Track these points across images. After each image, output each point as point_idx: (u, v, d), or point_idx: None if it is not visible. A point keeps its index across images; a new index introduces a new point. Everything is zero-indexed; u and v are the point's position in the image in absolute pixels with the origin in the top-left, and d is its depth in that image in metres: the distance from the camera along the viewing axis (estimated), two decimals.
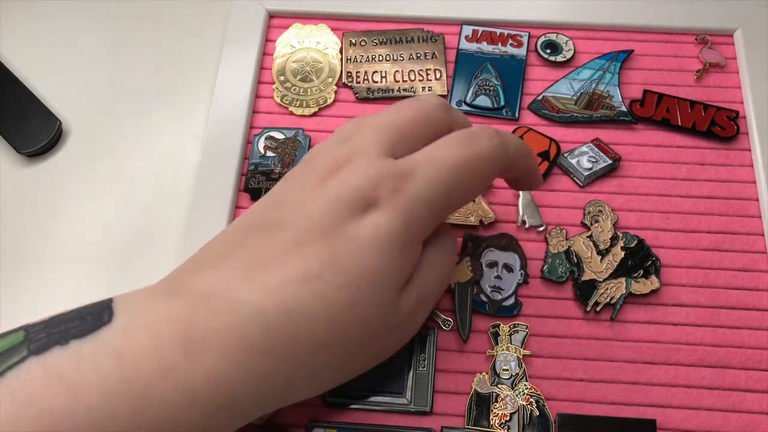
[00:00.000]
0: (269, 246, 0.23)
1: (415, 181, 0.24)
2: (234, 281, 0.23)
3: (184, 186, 0.36)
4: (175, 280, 0.24)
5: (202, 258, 0.25)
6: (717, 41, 0.39)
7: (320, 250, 0.23)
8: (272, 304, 0.22)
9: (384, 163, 0.24)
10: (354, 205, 0.24)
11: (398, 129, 0.26)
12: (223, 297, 0.22)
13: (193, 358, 0.21)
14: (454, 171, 0.25)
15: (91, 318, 0.21)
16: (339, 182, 0.24)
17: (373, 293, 0.23)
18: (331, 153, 0.26)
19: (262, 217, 0.25)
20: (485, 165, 0.25)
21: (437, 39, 0.39)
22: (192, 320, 0.21)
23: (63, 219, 0.36)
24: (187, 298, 0.22)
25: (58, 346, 0.20)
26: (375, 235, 0.23)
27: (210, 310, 0.22)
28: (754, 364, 0.31)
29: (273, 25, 0.40)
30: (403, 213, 0.24)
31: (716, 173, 0.35)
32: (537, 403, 0.30)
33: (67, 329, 0.21)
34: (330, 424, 0.29)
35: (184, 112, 0.39)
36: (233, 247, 0.24)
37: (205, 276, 0.23)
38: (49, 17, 0.42)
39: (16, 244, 0.35)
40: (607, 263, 0.33)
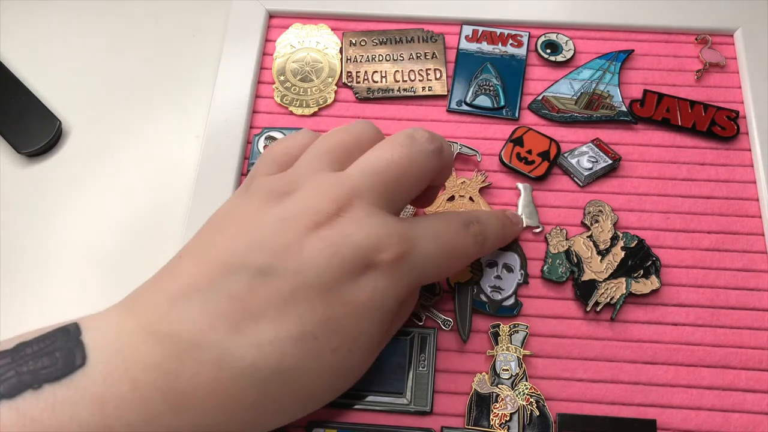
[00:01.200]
0: (261, 295, 0.22)
1: (416, 253, 0.25)
2: (223, 330, 0.21)
3: (184, 186, 0.36)
4: (152, 318, 0.22)
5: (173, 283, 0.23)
6: (717, 41, 0.39)
7: (316, 309, 0.22)
8: (266, 362, 0.22)
9: (387, 222, 0.24)
10: (354, 265, 0.23)
11: (398, 182, 0.25)
12: (212, 349, 0.21)
13: (180, 412, 0.20)
14: (448, 254, 0.26)
15: (61, 356, 0.20)
16: (339, 235, 0.23)
17: (361, 354, 0.25)
18: (322, 186, 0.24)
19: (245, 253, 0.23)
20: (467, 256, 0.28)
21: (437, 39, 0.39)
22: (179, 373, 0.21)
23: (63, 219, 0.36)
24: (170, 344, 0.21)
25: (31, 390, 0.19)
26: (371, 301, 0.23)
27: (198, 363, 0.21)
28: (754, 364, 0.31)
29: (273, 25, 0.40)
30: (400, 281, 0.24)
31: (716, 173, 0.35)
32: (537, 403, 0.30)
33: (37, 369, 0.20)
34: (330, 424, 0.29)
35: (184, 112, 0.39)
36: (214, 281, 0.22)
37: (185, 315, 0.22)
38: (49, 17, 0.42)
39: (16, 244, 0.35)
40: (607, 263, 0.33)
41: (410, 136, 0.26)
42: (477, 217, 0.28)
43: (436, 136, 0.27)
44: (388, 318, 0.25)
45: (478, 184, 0.35)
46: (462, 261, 0.28)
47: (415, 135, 0.26)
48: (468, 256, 0.28)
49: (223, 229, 0.24)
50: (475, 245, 0.28)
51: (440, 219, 0.27)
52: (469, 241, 0.27)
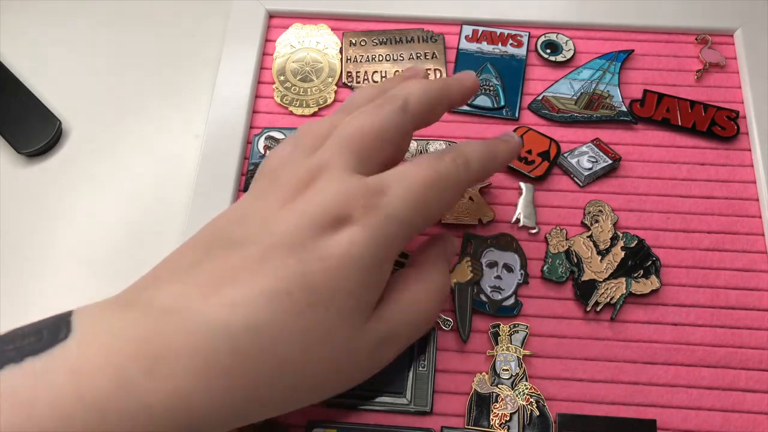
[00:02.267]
0: (233, 261, 0.22)
1: (387, 199, 0.24)
2: (196, 296, 0.22)
3: (184, 186, 0.36)
4: (133, 294, 0.23)
5: (159, 273, 0.24)
6: (717, 41, 0.39)
7: (289, 266, 0.22)
8: (238, 320, 0.21)
9: (354, 179, 0.24)
10: (324, 222, 0.23)
11: (363, 142, 0.25)
12: (184, 313, 0.21)
13: (152, 377, 0.20)
14: (423, 190, 0.25)
15: (47, 333, 0.20)
16: (308, 200, 0.24)
17: (342, 315, 0.23)
18: (296, 168, 0.25)
19: (224, 233, 0.24)
20: (450, 185, 0.26)
21: (437, 39, 0.39)
22: (151, 337, 0.21)
23: (63, 219, 0.36)
24: (145, 312, 0.21)
25: (12, 364, 0.19)
26: (348, 253, 0.23)
27: (170, 327, 0.21)
28: (754, 364, 0.31)
29: (273, 25, 0.40)
30: (376, 231, 0.23)
31: (716, 173, 0.35)
32: (537, 403, 0.30)
33: (22, 346, 0.20)
34: (330, 424, 0.29)
35: (184, 112, 0.39)
36: (193, 262, 0.23)
37: (164, 290, 0.22)
38: (49, 18, 0.42)
39: (16, 244, 0.35)
40: (607, 263, 0.33)
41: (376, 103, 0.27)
42: (454, 146, 0.27)
43: (399, 98, 0.27)
44: (372, 278, 0.24)
45: (478, 184, 0.35)
46: (448, 192, 0.26)
47: (384, 100, 0.27)
48: (452, 183, 0.26)
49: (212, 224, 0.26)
50: (456, 168, 0.26)
51: (410, 161, 0.26)
52: (448, 167, 0.26)
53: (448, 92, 0.29)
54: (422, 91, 0.27)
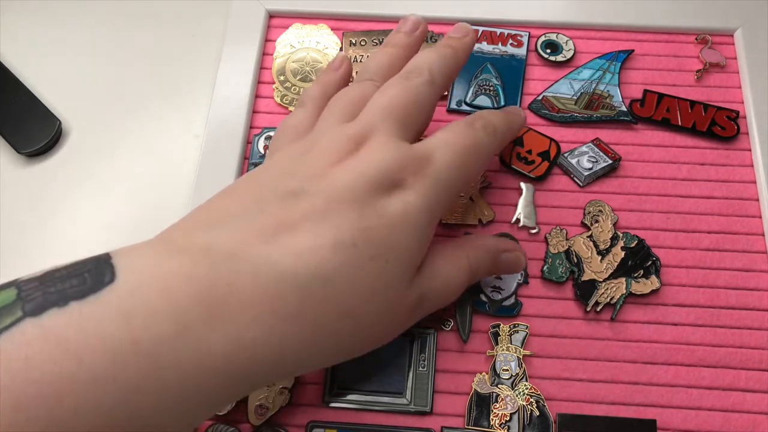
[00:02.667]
0: (294, 210, 0.23)
1: (435, 165, 0.26)
2: (259, 242, 0.21)
3: (184, 186, 0.36)
4: (179, 238, 0.22)
5: (206, 216, 0.23)
6: (717, 41, 0.39)
7: (353, 219, 0.23)
8: (306, 268, 0.21)
9: (403, 146, 0.26)
10: (381, 184, 0.24)
11: (403, 111, 0.27)
12: (248, 257, 0.21)
13: (213, 321, 0.20)
14: (465, 155, 0.27)
15: (90, 277, 0.20)
16: (361, 161, 0.24)
17: (398, 268, 0.24)
18: (338, 133, 0.26)
19: (275, 185, 0.24)
20: (483, 151, 0.28)
21: (437, 39, 0.39)
22: (213, 280, 0.20)
23: (63, 219, 0.36)
24: (204, 256, 0.21)
25: (56, 308, 0.19)
26: (404, 213, 0.24)
27: (233, 271, 0.21)
28: (754, 364, 0.31)
29: (273, 25, 0.40)
30: (427, 195, 0.25)
31: (716, 173, 0.35)
32: (537, 403, 0.30)
33: (64, 289, 0.19)
34: (330, 424, 0.29)
35: (184, 112, 0.39)
36: (244, 210, 0.23)
37: (220, 235, 0.22)
38: (49, 17, 0.42)
39: (16, 244, 0.35)
40: (607, 263, 0.33)
41: (404, 75, 0.28)
42: (478, 114, 0.29)
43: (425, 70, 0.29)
44: (422, 237, 0.25)
45: (478, 184, 0.35)
46: (481, 157, 0.29)
47: (410, 72, 0.29)
48: (484, 149, 0.29)
49: (251, 176, 0.26)
50: (488, 136, 0.29)
51: (446, 129, 0.28)
52: (480, 135, 0.28)
53: (458, 57, 0.31)
54: (441, 62, 0.29)
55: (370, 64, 0.31)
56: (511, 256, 0.30)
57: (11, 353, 0.18)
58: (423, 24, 0.32)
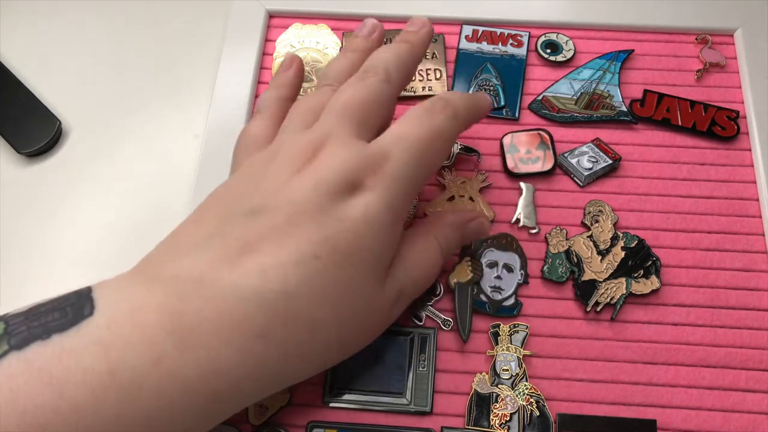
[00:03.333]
0: (255, 229, 0.23)
1: (392, 162, 0.25)
2: (223, 266, 0.22)
3: (184, 186, 0.36)
4: (153, 267, 0.23)
5: (174, 246, 0.24)
6: (717, 41, 0.39)
7: (313, 231, 0.23)
8: (271, 286, 0.22)
9: (359, 146, 0.25)
10: (339, 188, 0.24)
11: (359, 111, 0.27)
12: (213, 282, 0.22)
13: (186, 349, 0.20)
14: (422, 147, 0.26)
15: (71, 310, 0.21)
16: (319, 167, 0.24)
17: (367, 272, 0.24)
18: (297, 140, 0.26)
19: (237, 203, 0.24)
20: (444, 138, 0.27)
21: (437, 39, 0.39)
22: (182, 309, 0.21)
23: (63, 219, 0.36)
24: (173, 285, 0.22)
25: (39, 341, 0.20)
26: (365, 215, 0.24)
27: (201, 297, 0.21)
28: (755, 364, 0.31)
29: (273, 25, 0.40)
30: (387, 193, 0.25)
31: (716, 173, 0.35)
32: (537, 403, 0.30)
33: (47, 322, 0.20)
34: (330, 424, 0.29)
35: (184, 112, 0.39)
36: (210, 232, 0.23)
37: (187, 261, 0.23)
38: (49, 17, 0.42)
39: (16, 244, 0.35)
40: (607, 263, 0.33)
41: (359, 76, 0.28)
42: (439, 96, 0.28)
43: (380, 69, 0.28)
44: (388, 236, 0.25)
45: (478, 184, 0.35)
46: (443, 144, 0.27)
47: (365, 72, 0.28)
48: (446, 135, 0.27)
49: (216, 196, 0.26)
50: (448, 120, 0.27)
51: (404, 119, 0.27)
52: (440, 120, 0.27)
53: (415, 52, 0.30)
54: (396, 59, 0.29)
55: (329, 70, 0.30)
56: (474, 225, 0.31)
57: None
58: (380, 27, 0.32)
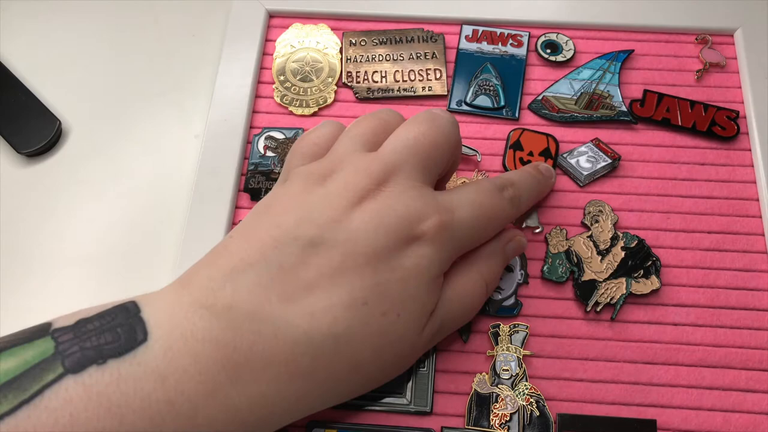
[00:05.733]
0: (312, 265, 0.23)
1: (455, 221, 0.26)
2: (277, 302, 0.22)
3: (184, 186, 0.36)
4: (206, 290, 0.23)
5: (227, 262, 0.24)
6: (717, 41, 0.39)
7: (366, 276, 0.23)
8: (319, 329, 0.22)
9: (427, 192, 0.26)
10: (399, 234, 0.24)
11: (429, 155, 0.26)
12: (267, 318, 0.22)
13: (238, 382, 0.21)
14: (484, 219, 0.27)
15: (123, 333, 0.21)
16: (383, 207, 0.24)
17: (410, 320, 0.25)
18: (361, 164, 0.25)
19: (294, 227, 0.24)
20: (502, 219, 0.29)
21: (437, 39, 0.39)
22: (237, 344, 0.22)
23: (63, 219, 0.36)
24: (227, 316, 0.22)
25: (96, 366, 0.20)
26: (418, 266, 0.24)
27: (254, 334, 0.22)
28: (755, 364, 0.31)
29: (273, 25, 0.40)
30: (443, 249, 0.25)
31: (716, 173, 0.35)
32: (537, 403, 0.30)
33: (100, 345, 0.21)
34: (330, 424, 0.29)
35: (184, 112, 0.39)
36: (266, 255, 0.23)
37: (242, 289, 0.22)
38: (49, 17, 0.42)
39: (16, 244, 0.35)
40: (607, 263, 0.33)
41: (430, 112, 0.28)
42: (510, 180, 0.29)
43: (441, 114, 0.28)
44: (434, 286, 0.26)
45: None
46: (499, 224, 0.29)
47: (434, 111, 0.28)
48: (504, 219, 0.29)
49: (269, 211, 0.25)
50: (511, 208, 0.29)
51: (475, 187, 0.28)
52: (505, 204, 0.28)
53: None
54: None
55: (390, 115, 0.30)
56: (513, 245, 0.31)
57: (57, 409, 0.19)
58: None
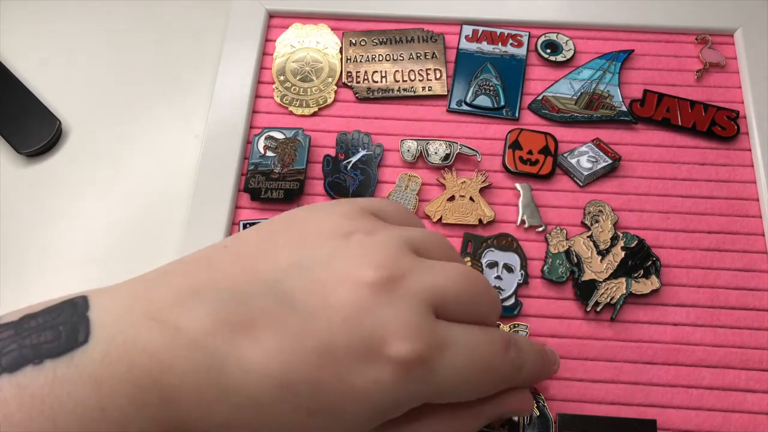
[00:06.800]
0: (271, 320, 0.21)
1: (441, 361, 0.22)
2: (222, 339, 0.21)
3: (184, 186, 0.36)
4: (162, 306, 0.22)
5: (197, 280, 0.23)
6: (717, 41, 0.39)
7: (311, 366, 0.21)
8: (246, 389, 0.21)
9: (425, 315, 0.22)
10: (367, 342, 0.21)
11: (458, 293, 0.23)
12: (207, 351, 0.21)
13: (166, 402, 0.21)
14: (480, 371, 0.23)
15: (64, 331, 0.20)
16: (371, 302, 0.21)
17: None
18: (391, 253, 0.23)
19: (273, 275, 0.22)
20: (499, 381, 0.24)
21: (437, 39, 0.39)
22: (171, 365, 0.21)
23: (63, 218, 0.36)
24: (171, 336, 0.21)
25: (32, 365, 0.20)
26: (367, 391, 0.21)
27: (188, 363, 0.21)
28: (754, 364, 0.31)
29: (273, 25, 0.40)
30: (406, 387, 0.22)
31: (716, 173, 0.35)
32: (537, 403, 0.30)
33: (39, 344, 0.20)
34: None
35: (184, 112, 0.39)
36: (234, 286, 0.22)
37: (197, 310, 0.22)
38: (49, 17, 0.42)
39: (16, 244, 0.35)
40: (607, 263, 0.33)
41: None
42: (516, 342, 0.25)
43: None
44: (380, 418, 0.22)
45: (478, 184, 0.35)
46: (492, 386, 0.24)
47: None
48: (501, 381, 0.24)
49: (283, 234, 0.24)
50: (513, 371, 0.24)
51: (480, 330, 0.23)
52: (507, 365, 0.24)
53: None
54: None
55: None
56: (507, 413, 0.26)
57: None
58: None
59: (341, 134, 0.36)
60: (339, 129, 0.37)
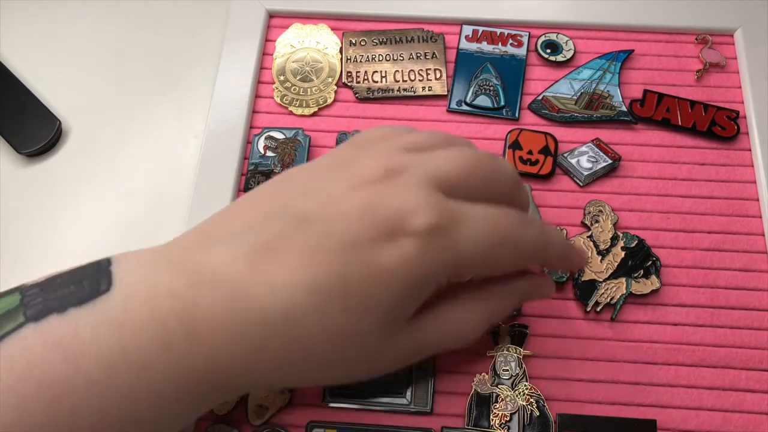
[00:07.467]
0: (289, 239, 0.22)
1: (459, 228, 0.22)
2: (244, 269, 0.22)
3: (184, 186, 0.36)
4: (179, 253, 0.23)
5: (210, 231, 0.24)
6: (717, 41, 0.39)
7: (335, 263, 0.21)
8: (275, 306, 0.21)
9: (432, 193, 0.23)
10: (385, 225, 0.22)
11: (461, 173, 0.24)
12: (228, 283, 0.21)
13: (193, 341, 0.21)
14: (496, 246, 0.23)
15: (88, 284, 0.21)
16: (379, 194, 0.22)
17: (374, 325, 0.22)
18: (381, 156, 0.24)
19: (292, 202, 0.23)
20: (522, 249, 0.25)
21: (437, 39, 0.39)
22: (195, 303, 0.21)
23: (63, 219, 0.36)
24: (192, 275, 0.22)
25: (56, 314, 0.20)
26: (394, 268, 0.22)
27: (213, 297, 0.21)
28: (755, 364, 0.31)
29: (273, 25, 0.40)
30: (432, 256, 0.22)
31: (716, 173, 0.35)
32: (537, 403, 0.30)
33: (63, 295, 0.21)
34: (330, 424, 0.29)
35: (184, 112, 0.39)
36: (248, 223, 0.23)
37: (212, 254, 0.22)
38: (49, 17, 0.42)
39: (16, 244, 0.35)
40: (607, 263, 0.33)
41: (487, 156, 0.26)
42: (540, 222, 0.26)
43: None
44: (410, 296, 0.23)
45: None
46: (514, 257, 0.25)
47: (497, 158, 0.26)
48: (524, 252, 0.25)
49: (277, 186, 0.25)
50: (537, 248, 0.25)
51: (496, 207, 0.24)
52: (529, 239, 0.24)
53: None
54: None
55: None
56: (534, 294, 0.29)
57: (14, 356, 0.19)
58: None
59: (341, 134, 0.36)
60: (339, 129, 0.37)
